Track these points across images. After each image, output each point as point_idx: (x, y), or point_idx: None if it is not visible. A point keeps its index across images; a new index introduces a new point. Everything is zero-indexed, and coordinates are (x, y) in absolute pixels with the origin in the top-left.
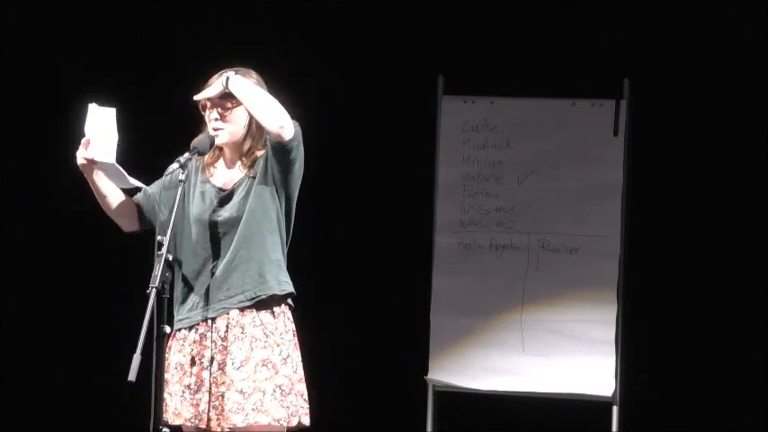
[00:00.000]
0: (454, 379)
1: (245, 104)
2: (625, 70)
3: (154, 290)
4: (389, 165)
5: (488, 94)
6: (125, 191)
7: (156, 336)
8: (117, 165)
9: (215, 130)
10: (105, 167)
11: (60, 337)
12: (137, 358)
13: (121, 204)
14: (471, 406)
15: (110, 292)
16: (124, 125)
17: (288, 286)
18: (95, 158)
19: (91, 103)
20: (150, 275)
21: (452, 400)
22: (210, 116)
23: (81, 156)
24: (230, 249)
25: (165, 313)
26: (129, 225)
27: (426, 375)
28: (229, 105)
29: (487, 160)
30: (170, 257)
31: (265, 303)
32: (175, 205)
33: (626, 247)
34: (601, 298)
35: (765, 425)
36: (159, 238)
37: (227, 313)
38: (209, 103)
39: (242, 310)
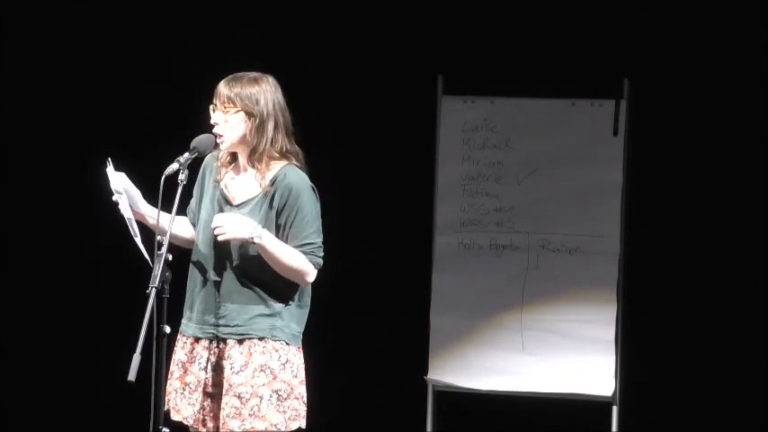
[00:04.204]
0: (454, 379)
1: (271, 264)
2: (625, 70)
3: (154, 290)
4: (389, 165)
5: (488, 94)
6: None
7: (156, 336)
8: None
9: (216, 132)
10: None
11: (60, 337)
12: (136, 358)
13: (184, 231)
14: (471, 406)
15: (110, 292)
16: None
17: (281, 333)
18: (130, 213)
19: (108, 164)
20: (150, 275)
21: (452, 400)
22: (212, 117)
23: (126, 214)
24: (234, 271)
25: (165, 313)
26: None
27: (426, 375)
28: (229, 108)
29: (487, 160)
30: (170, 257)
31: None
32: (175, 205)
33: (626, 246)
34: (601, 298)
35: (766, 425)
36: (159, 238)
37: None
38: (215, 105)
39: None
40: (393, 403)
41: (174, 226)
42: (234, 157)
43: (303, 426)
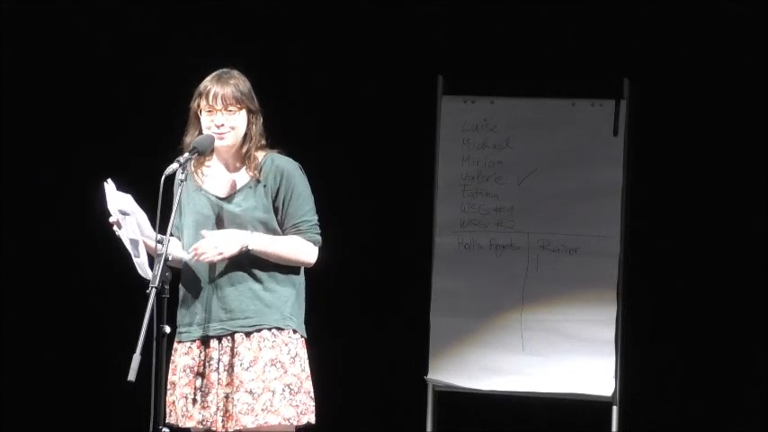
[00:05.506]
0: (454, 379)
1: (272, 260)
2: (625, 70)
3: (153, 290)
4: (389, 165)
5: (488, 94)
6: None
7: (156, 336)
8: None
9: (221, 132)
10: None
11: (60, 338)
12: (136, 358)
13: (179, 253)
14: (471, 406)
15: (109, 292)
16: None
17: (292, 322)
18: (139, 235)
19: (107, 182)
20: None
21: (452, 400)
22: (215, 120)
23: (125, 238)
24: (234, 266)
25: (165, 313)
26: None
27: (426, 375)
28: (234, 109)
29: (487, 160)
30: (170, 257)
31: None
32: (175, 206)
33: (626, 247)
34: (601, 298)
35: (766, 425)
36: (159, 237)
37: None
38: (214, 108)
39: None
40: (393, 403)
41: (170, 247)
42: (204, 161)
43: (313, 421)
